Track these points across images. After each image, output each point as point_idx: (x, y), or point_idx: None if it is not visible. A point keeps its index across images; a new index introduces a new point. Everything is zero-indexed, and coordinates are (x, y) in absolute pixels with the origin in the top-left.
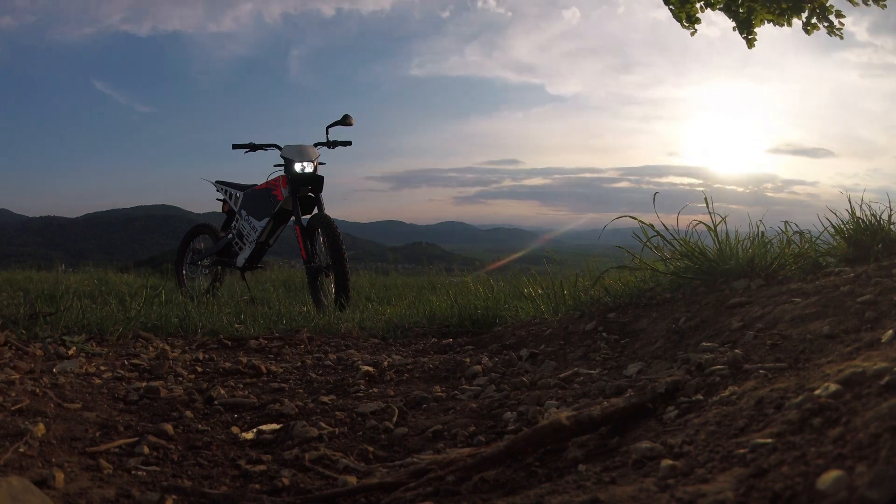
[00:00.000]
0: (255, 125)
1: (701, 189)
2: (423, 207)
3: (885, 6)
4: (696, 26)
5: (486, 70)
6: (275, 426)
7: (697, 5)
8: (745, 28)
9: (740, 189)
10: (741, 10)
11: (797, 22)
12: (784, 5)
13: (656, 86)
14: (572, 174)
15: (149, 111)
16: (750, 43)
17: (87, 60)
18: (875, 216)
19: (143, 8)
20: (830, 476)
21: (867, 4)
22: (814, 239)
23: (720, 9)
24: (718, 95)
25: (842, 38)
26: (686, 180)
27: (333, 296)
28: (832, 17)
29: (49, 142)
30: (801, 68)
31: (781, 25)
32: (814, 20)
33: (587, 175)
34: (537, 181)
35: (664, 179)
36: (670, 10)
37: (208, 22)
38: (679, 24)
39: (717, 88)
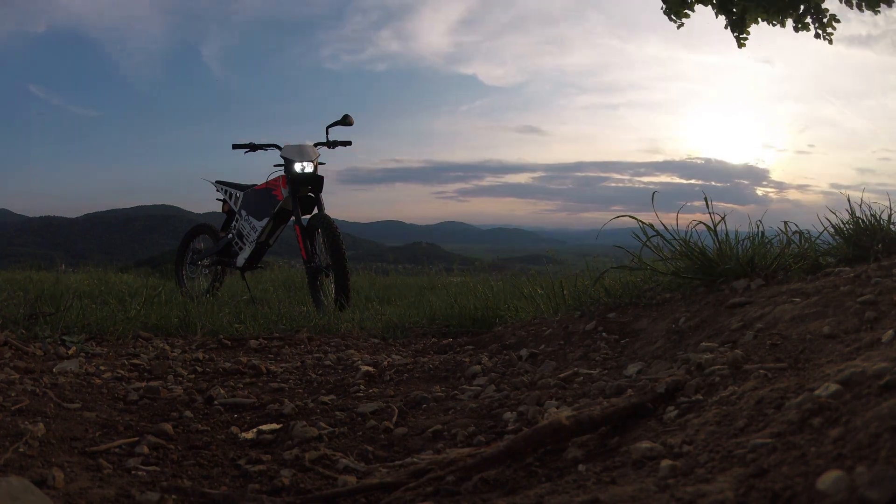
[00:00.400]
0: (195, 125)
1: (697, 188)
2: (420, 207)
3: (878, 12)
4: (684, 20)
5: (409, 62)
6: (275, 426)
7: (696, 6)
8: (739, 27)
9: (725, 185)
10: (734, 10)
11: (789, 21)
12: (779, 4)
13: (603, 68)
14: (553, 171)
15: (95, 115)
16: (740, 42)
17: (11, 63)
18: (875, 216)
19: (30, 4)
20: (830, 476)
21: (861, 10)
22: (814, 239)
23: (713, 5)
24: (686, 74)
25: (831, 43)
26: (664, 178)
27: (333, 296)
28: (824, 21)
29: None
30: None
31: (774, 25)
32: (807, 20)
33: (570, 173)
34: (518, 178)
35: (646, 178)
36: (662, 8)
37: (102, 13)
38: (667, 18)
39: (684, 66)
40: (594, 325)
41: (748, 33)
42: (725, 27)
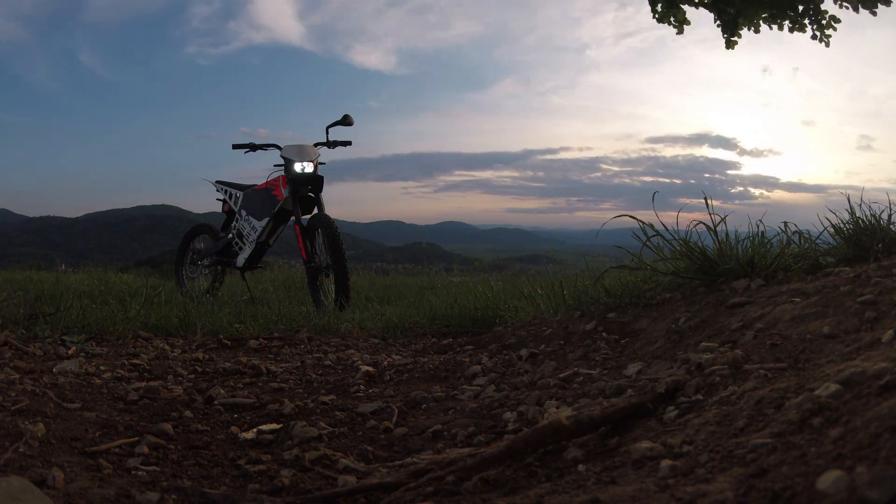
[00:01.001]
0: (105, 129)
1: (664, 184)
2: (421, 207)
3: (875, 13)
4: (685, 26)
5: (280, 52)
6: (275, 426)
7: (684, 7)
8: (730, 28)
9: (690, 181)
10: (730, 10)
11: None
12: (774, 10)
13: (505, 39)
14: (513, 166)
15: (24, 121)
16: (730, 44)
17: None
18: (875, 216)
19: None
20: (830, 476)
21: (857, 11)
22: (814, 239)
23: (707, 6)
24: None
25: (828, 45)
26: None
27: (333, 296)
28: (823, 24)
29: None
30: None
31: (771, 28)
32: (805, 21)
33: (531, 171)
34: (486, 174)
35: (613, 169)
36: (654, 14)
37: None
38: (666, 24)
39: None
40: (594, 325)
41: (739, 35)
42: (717, 26)
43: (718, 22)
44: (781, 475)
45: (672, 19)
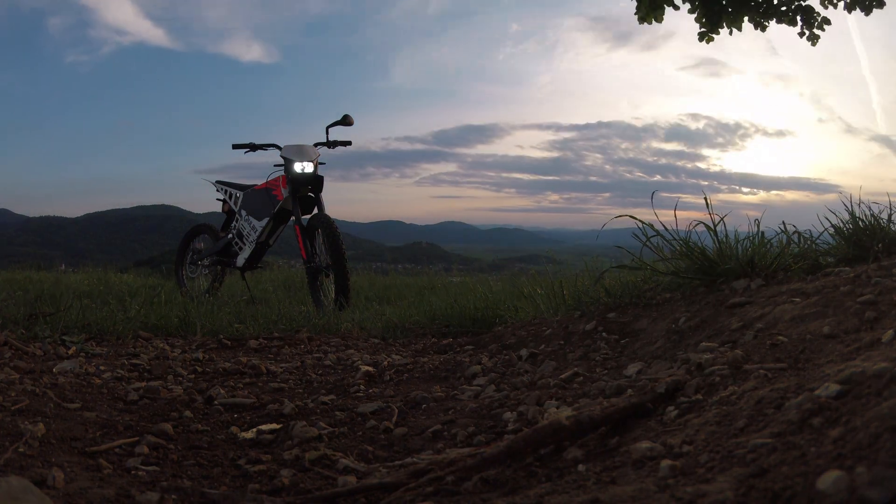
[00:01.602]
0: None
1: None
2: (425, 207)
3: (868, 14)
4: (656, 20)
5: (155, 51)
6: (275, 426)
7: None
8: (713, 23)
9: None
10: (715, 8)
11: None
12: (761, 10)
13: (369, 22)
14: (454, 159)
15: None
16: (708, 38)
17: None
18: (874, 215)
19: None
20: (830, 476)
21: (849, 12)
22: (814, 239)
23: (695, 7)
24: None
25: (814, 45)
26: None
27: (333, 296)
28: (813, 24)
29: None
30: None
31: (756, 29)
32: (797, 17)
33: (481, 172)
34: (448, 167)
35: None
36: (637, 12)
37: None
38: (647, 23)
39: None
40: (594, 325)
41: (718, 32)
42: (696, 20)
43: (698, 13)
44: (781, 475)
45: (650, 20)
